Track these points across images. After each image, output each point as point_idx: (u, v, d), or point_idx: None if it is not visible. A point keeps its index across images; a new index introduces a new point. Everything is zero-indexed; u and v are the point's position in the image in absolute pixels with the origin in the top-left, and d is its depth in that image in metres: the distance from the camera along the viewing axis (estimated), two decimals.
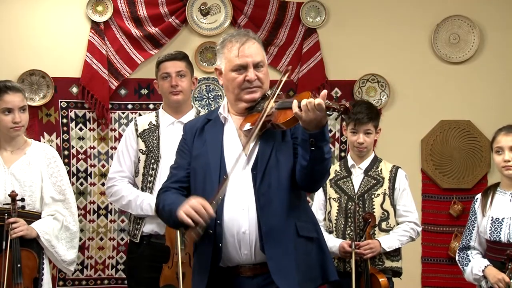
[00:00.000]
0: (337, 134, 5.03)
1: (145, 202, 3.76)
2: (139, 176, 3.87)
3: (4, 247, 3.43)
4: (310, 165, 2.61)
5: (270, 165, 2.73)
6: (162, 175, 3.77)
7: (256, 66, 2.79)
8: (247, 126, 2.76)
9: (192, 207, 2.60)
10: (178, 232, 3.58)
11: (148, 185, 3.83)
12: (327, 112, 2.49)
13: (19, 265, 3.43)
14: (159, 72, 3.89)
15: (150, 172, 3.83)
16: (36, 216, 3.60)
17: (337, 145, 5.03)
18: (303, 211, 2.86)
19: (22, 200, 3.52)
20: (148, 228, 3.81)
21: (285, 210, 2.73)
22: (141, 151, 3.87)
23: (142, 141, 3.87)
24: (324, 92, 2.53)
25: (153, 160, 3.83)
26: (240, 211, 2.72)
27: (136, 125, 3.92)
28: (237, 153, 2.75)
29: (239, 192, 2.73)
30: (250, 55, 2.77)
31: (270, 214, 2.70)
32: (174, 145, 3.78)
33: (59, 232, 3.62)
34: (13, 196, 3.48)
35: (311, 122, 2.52)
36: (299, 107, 2.53)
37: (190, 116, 3.90)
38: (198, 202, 2.61)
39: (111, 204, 4.79)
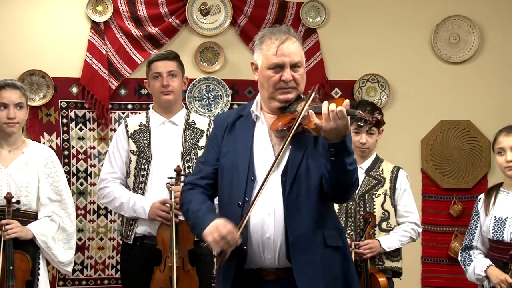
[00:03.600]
0: None
1: (138, 205, 3.74)
2: (130, 177, 3.85)
3: None
4: (333, 176, 2.55)
5: (300, 172, 2.65)
6: (154, 175, 3.78)
7: (294, 66, 2.69)
8: (279, 126, 2.69)
9: (220, 236, 2.57)
10: (174, 235, 3.59)
11: (140, 186, 3.81)
12: (359, 124, 2.44)
13: (11, 267, 3.41)
14: (150, 71, 3.86)
15: (142, 172, 3.81)
16: (32, 216, 3.58)
17: None
18: (330, 219, 2.77)
19: (18, 202, 3.51)
20: (141, 229, 3.79)
21: (313, 220, 2.66)
22: (132, 151, 3.84)
23: (133, 141, 3.85)
24: (347, 101, 2.47)
25: (144, 161, 3.81)
26: (266, 216, 2.65)
27: (126, 125, 3.89)
28: (267, 154, 2.70)
29: (267, 196, 2.65)
30: (288, 55, 2.68)
31: (298, 223, 2.63)
32: (165, 145, 3.82)
33: (55, 233, 3.60)
34: (8, 198, 3.46)
35: (331, 131, 2.46)
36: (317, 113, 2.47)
37: (180, 116, 3.90)
38: (226, 229, 2.58)
39: None
